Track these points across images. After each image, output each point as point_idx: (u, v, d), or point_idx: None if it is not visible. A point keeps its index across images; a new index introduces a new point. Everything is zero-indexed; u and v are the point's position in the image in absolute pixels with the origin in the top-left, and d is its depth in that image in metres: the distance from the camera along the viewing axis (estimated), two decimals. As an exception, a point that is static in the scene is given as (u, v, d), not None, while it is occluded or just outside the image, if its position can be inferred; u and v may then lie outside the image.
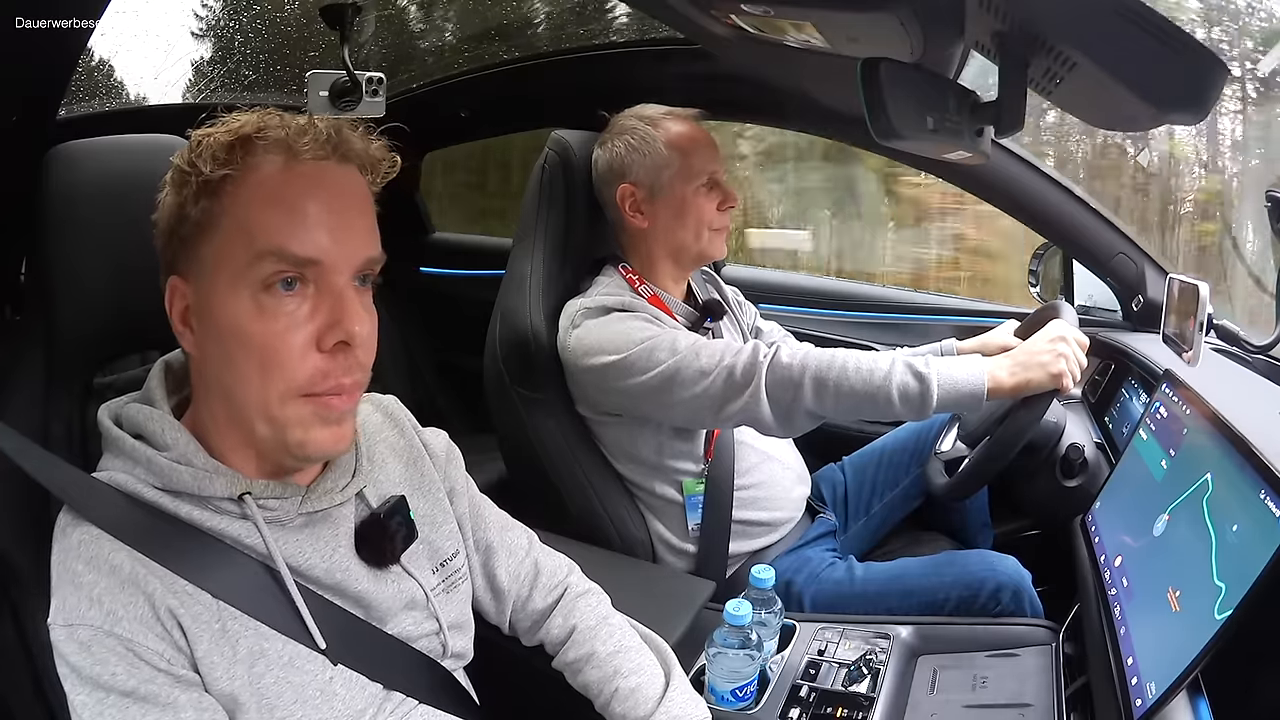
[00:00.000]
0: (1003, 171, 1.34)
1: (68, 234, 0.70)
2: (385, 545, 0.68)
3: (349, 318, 0.58)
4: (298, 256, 0.57)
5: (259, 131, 0.58)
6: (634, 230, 1.19)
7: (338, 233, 0.58)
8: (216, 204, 0.57)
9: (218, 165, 0.57)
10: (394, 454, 0.75)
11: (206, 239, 0.58)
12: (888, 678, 0.92)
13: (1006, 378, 0.97)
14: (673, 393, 1.04)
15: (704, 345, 1.05)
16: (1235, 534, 0.64)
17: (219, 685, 0.58)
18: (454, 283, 2.02)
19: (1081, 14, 0.57)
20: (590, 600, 0.85)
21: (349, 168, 0.61)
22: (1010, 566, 1.08)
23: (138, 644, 0.56)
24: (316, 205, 0.58)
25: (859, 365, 0.99)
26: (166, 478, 0.60)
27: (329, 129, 0.59)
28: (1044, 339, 1.00)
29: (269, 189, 0.57)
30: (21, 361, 0.72)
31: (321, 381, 0.58)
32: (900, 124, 0.65)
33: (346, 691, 0.64)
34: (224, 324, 0.58)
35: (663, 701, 0.76)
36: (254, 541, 0.62)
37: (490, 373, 1.23)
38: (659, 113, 1.18)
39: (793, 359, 1.00)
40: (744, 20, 0.80)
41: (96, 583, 0.56)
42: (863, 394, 0.98)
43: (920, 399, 0.97)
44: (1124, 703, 0.69)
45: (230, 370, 0.59)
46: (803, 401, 0.99)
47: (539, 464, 1.18)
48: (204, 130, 0.59)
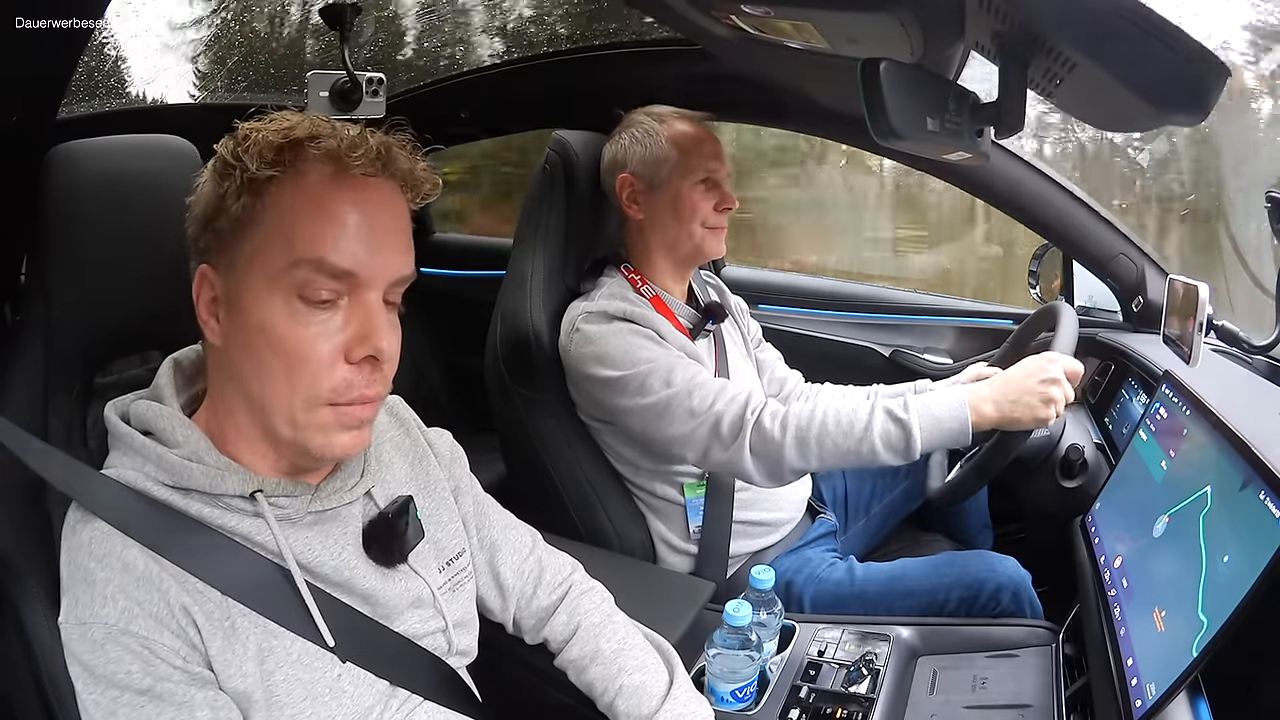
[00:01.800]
0: (1002, 172, 1.34)
1: (68, 234, 0.70)
2: (393, 544, 0.68)
3: (378, 333, 0.58)
4: (336, 268, 0.57)
5: (312, 138, 0.58)
6: (632, 222, 1.19)
7: (375, 248, 0.59)
8: (259, 202, 0.57)
9: (265, 164, 0.57)
10: (400, 454, 0.75)
11: (245, 235, 0.58)
12: (887, 678, 0.91)
13: (991, 411, 0.96)
14: (660, 425, 1.06)
15: (698, 385, 1.05)
16: (1226, 565, 0.64)
17: (232, 683, 0.58)
18: (455, 283, 2.02)
19: (1081, 15, 0.57)
20: (594, 598, 0.85)
21: (392, 185, 0.61)
22: (1010, 567, 1.08)
23: (153, 641, 0.56)
24: (358, 219, 0.58)
25: (838, 420, 0.98)
26: (178, 475, 0.60)
27: (380, 145, 0.59)
28: (1035, 376, 0.97)
29: (314, 197, 0.57)
30: (21, 361, 0.71)
31: (346, 392, 0.59)
32: (900, 125, 0.65)
33: (355, 689, 0.64)
34: (254, 322, 0.58)
35: (667, 699, 0.76)
36: (264, 539, 0.62)
37: (491, 373, 1.23)
38: (668, 112, 1.19)
39: (774, 421, 1.00)
40: (744, 21, 0.80)
41: (110, 580, 0.56)
42: (846, 448, 0.98)
43: (905, 444, 0.97)
44: (1124, 703, 0.69)
45: (256, 368, 0.59)
46: (787, 461, 1.00)
47: (539, 464, 1.18)
48: (253, 125, 0.59)
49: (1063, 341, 1.04)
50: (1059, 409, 0.96)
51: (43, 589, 0.65)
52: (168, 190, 0.72)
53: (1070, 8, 0.58)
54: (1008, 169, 1.34)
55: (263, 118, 0.60)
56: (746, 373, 1.29)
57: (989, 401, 0.96)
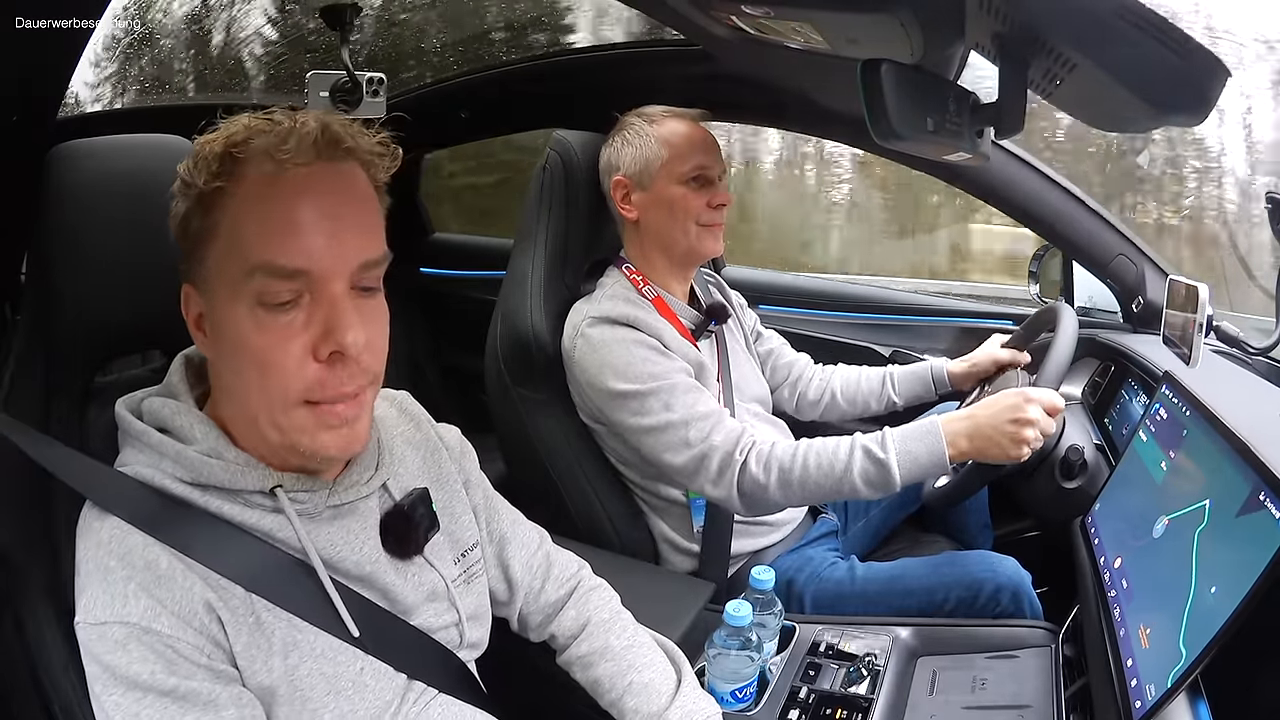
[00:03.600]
0: (1002, 173, 1.33)
1: (68, 234, 0.70)
2: (410, 534, 0.68)
3: (341, 327, 0.57)
4: (286, 269, 0.56)
5: (244, 142, 0.57)
6: (629, 224, 1.19)
7: (329, 239, 0.57)
8: (211, 216, 0.57)
9: (211, 177, 0.56)
10: (411, 448, 0.75)
11: (207, 251, 0.58)
12: (887, 679, 0.92)
13: (966, 445, 0.99)
14: (653, 446, 1.07)
15: (696, 416, 1.06)
16: (1213, 597, 0.64)
17: (257, 678, 0.58)
18: (455, 283, 2.02)
19: (1081, 15, 0.57)
20: (603, 594, 0.85)
21: (344, 166, 0.59)
22: (1010, 568, 1.08)
23: (177, 639, 0.55)
24: (306, 213, 0.56)
25: (819, 462, 1.01)
26: (197, 471, 0.60)
27: (316, 130, 0.57)
28: (1011, 415, 0.97)
29: (255, 201, 0.56)
30: (22, 361, 0.72)
31: (320, 390, 0.58)
32: (900, 125, 0.65)
33: (376, 682, 0.64)
34: (227, 334, 0.58)
35: (677, 696, 0.76)
36: (285, 535, 0.62)
37: (491, 373, 1.23)
38: (660, 111, 1.18)
39: (759, 464, 1.03)
40: (744, 21, 0.79)
41: (131, 578, 0.56)
42: (828, 487, 1.01)
43: (884, 481, 0.99)
44: (1124, 704, 0.69)
45: (237, 378, 0.59)
46: (772, 500, 1.04)
47: (540, 464, 1.18)
48: (205, 138, 0.59)
49: (1049, 374, 1.05)
50: (1033, 447, 0.98)
51: (43, 589, 0.65)
52: (168, 189, 0.72)
53: (1070, 8, 0.58)
54: (1008, 169, 1.34)
55: (214, 125, 0.59)
56: (749, 372, 1.30)
57: (964, 437, 0.99)
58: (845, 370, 1.40)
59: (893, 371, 1.36)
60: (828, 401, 1.38)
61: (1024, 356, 1.27)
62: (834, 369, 1.41)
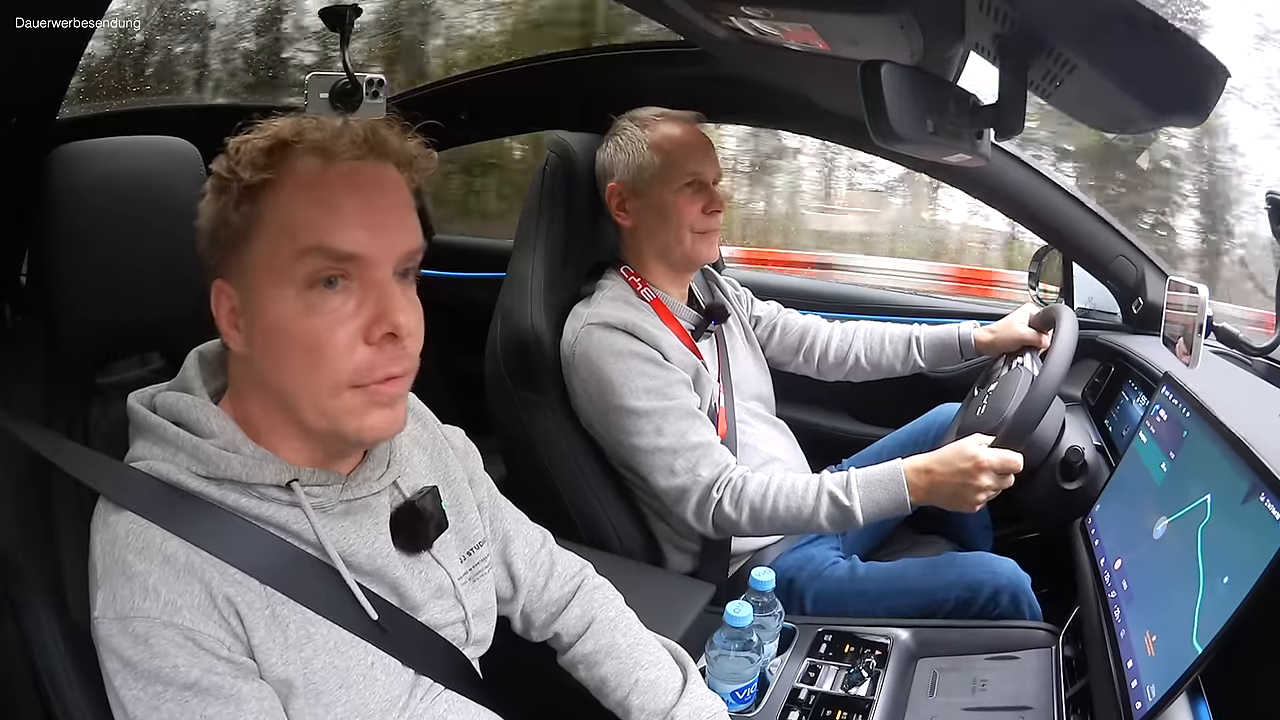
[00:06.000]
0: (1002, 174, 1.34)
1: (69, 235, 0.70)
2: (420, 529, 0.69)
3: (394, 309, 0.59)
4: (339, 251, 0.58)
5: (296, 135, 0.59)
6: (624, 229, 1.19)
7: (376, 228, 0.59)
8: (257, 208, 0.58)
9: (257, 170, 0.58)
10: (419, 447, 0.76)
11: (250, 242, 0.59)
12: (887, 680, 0.92)
13: (925, 496, 1.02)
14: (642, 463, 1.10)
15: (686, 446, 1.07)
16: (1225, 587, 0.63)
17: (275, 671, 0.59)
18: (454, 285, 2.01)
19: (1081, 17, 0.57)
20: (607, 593, 0.86)
21: (386, 164, 0.62)
22: (1009, 569, 1.08)
23: (199, 633, 0.56)
24: (354, 202, 0.59)
25: (788, 504, 1.04)
26: (213, 465, 0.60)
27: (365, 129, 0.60)
28: (960, 480, 0.99)
29: (308, 189, 0.58)
30: (22, 362, 0.72)
31: (370, 373, 0.59)
32: (900, 127, 0.65)
33: (385, 677, 0.65)
34: (271, 323, 0.59)
35: (684, 694, 0.77)
36: (300, 528, 0.62)
37: (491, 374, 1.23)
38: (653, 114, 1.18)
39: (732, 504, 1.06)
40: (743, 22, 0.80)
41: (150, 572, 0.56)
42: (795, 526, 1.07)
43: (848, 523, 1.03)
44: (1124, 705, 0.69)
45: (281, 368, 0.60)
46: (741, 532, 1.11)
47: (539, 466, 1.18)
48: (241, 138, 0.60)
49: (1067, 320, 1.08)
50: (983, 501, 1.01)
51: (44, 589, 0.65)
52: (168, 190, 0.72)
53: (1070, 10, 0.58)
54: (1007, 171, 1.34)
55: (251, 126, 0.61)
56: (750, 371, 1.30)
57: (923, 490, 1.02)
58: (868, 331, 1.37)
59: (918, 335, 1.33)
60: (851, 364, 1.37)
61: (1044, 340, 1.22)
62: (855, 327, 1.38)
